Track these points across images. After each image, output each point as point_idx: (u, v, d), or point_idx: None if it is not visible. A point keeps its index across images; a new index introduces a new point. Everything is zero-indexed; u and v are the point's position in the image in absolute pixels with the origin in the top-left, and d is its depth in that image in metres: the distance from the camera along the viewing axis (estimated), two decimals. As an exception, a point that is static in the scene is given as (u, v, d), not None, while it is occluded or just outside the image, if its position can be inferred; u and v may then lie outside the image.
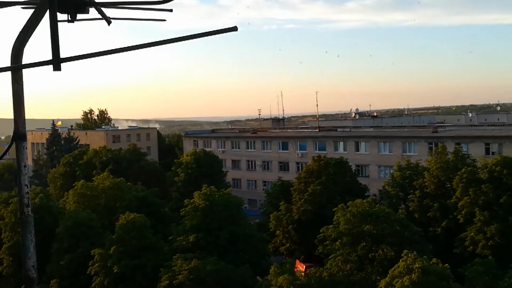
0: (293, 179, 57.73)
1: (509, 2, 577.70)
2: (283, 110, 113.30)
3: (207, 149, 77.73)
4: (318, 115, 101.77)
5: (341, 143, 73.47)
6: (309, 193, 51.69)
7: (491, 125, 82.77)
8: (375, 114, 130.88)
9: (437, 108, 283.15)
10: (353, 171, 58.17)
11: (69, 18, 3.19)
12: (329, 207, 45.63)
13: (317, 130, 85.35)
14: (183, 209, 44.77)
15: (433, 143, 62.90)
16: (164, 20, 3.65)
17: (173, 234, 43.71)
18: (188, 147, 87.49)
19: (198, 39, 2.98)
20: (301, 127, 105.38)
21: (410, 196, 48.82)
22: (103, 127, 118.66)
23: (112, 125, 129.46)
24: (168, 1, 3.00)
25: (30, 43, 3.09)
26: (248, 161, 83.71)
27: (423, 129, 79.09)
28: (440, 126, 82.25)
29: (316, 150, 73.59)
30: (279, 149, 79.84)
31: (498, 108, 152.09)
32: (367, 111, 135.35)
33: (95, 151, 75.25)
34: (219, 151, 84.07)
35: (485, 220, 42.63)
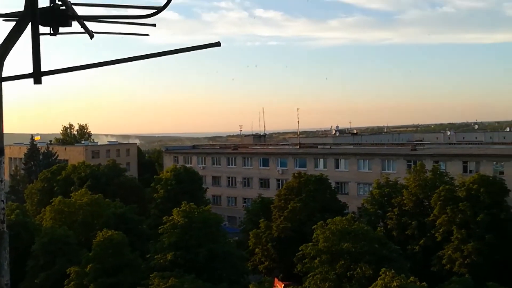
0: (274, 196, 57.69)
1: (486, 22, 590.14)
2: (265, 127, 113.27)
3: (188, 165, 77.38)
4: (299, 131, 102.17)
5: (321, 160, 73.77)
6: (289, 210, 51.66)
7: (469, 144, 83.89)
8: (355, 131, 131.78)
9: (416, 126, 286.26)
10: (333, 188, 58.37)
11: (51, 31, 3.17)
12: (308, 224, 45.62)
13: (298, 146, 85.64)
14: (162, 226, 44.34)
15: (412, 161, 63.49)
16: (147, 35, 3.66)
17: (151, 252, 43.22)
18: (168, 163, 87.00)
19: (180, 54, 2.98)
20: (282, 144, 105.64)
21: (389, 213, 49.10)
22: (82, 142, 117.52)
23: (91, 140, 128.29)
24: (151, 16, 3.01)
25: (11, 55, 3.06)
26: (229, 177, 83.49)
27: (402, 147, 79.77)
28: (418, 144, 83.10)
29: (296, 166, 73.73)
30: (260, 166, 79.83)
31: (476, 126, 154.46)
32: (347, 128, 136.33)
33: (74, 167, 74.36)
34: (200, 167, 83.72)
35: (462, 238, 43.03)
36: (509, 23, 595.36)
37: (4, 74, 3.19)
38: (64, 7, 3.09)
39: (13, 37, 2.93)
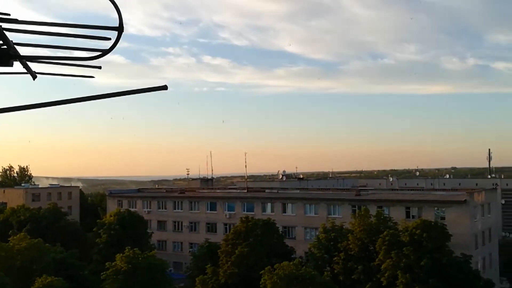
0: (221, 240, 57.02)
1: (425, 75, 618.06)
2: (212, 170, 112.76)
3: (132, 209, 75.67)
4: (247, 176, 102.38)
5: (269, 204, 73.83)
6: (236, 255, 51.08)
7: (411, 190, 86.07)
8: (301, 176, 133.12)
9: (360, 172, 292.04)
10: (280, 232, 58.36)
11: (-9, 71, 3.07)
12: (256, 269, 45.23)
13: (246, 190, 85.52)
14: (104, 272, 42.92)
15: (356, 206, 64.43)
16: (92, 77, 3.59)
17: (92, 299, 41.63)
18: (112, 207, 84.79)
19: (126, 97, 2.94)
20: (229, 188, 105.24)
21: (335, 258, 49.34)
22: (22, 184, 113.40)
23: (32, 183, 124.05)
24: (96, 58, 2.96)
25: None
26: (175, 222, 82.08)
27: (347, 192, 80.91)
28: (362, 189, 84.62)
29: (244, 211, 73.42)
30: (207, 210, 79.02)
31: (417, 173, 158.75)
32: (294, 173, 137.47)
33: (13, 210, 71.65)
34: (145, 211, 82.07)
35: (407, 282, 43.59)
36: (446, 76, 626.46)
37: None
38: (5, 47, 3.01)
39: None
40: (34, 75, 3.40)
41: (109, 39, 2.87)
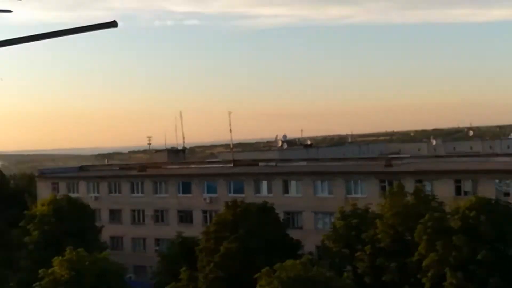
0: (199, 234, 57.46)
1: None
2: (184, 138, 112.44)
3: (73, 195, 75.88)
4: (232, 144, 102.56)
5: (265, 183, 74.14)
6: (221, 254, 51.56)
7: (463, 156, 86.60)
8: (309, 142, 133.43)
9: (391, 134, 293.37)
10: (282, 220, 58.76)
11: None
12: (249, 271, 45.72)
13: (232, 164, 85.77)
14: (38, 283, 43.29)
15: (387, 181, 64.76)
16: (10, 11, 3.58)
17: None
18: (44, 192, 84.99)
19: (57, 38, 2.95)
20: (209, 161, 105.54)
21: (359, 253, 49.85)
22: None
23: None
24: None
25: None
26: (134, 210, 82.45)
27: (373, 162, 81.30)
28: (395, 157, 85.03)
29: (230, 192, 73.75)
30: (179, 193, 79.31)
31: (471, 133, 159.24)
32: (298, 139, 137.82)
33: None
34: (91, 197, 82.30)
35: (459, 283, 44.16)
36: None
37: None
38: None
39: None
40: None
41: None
